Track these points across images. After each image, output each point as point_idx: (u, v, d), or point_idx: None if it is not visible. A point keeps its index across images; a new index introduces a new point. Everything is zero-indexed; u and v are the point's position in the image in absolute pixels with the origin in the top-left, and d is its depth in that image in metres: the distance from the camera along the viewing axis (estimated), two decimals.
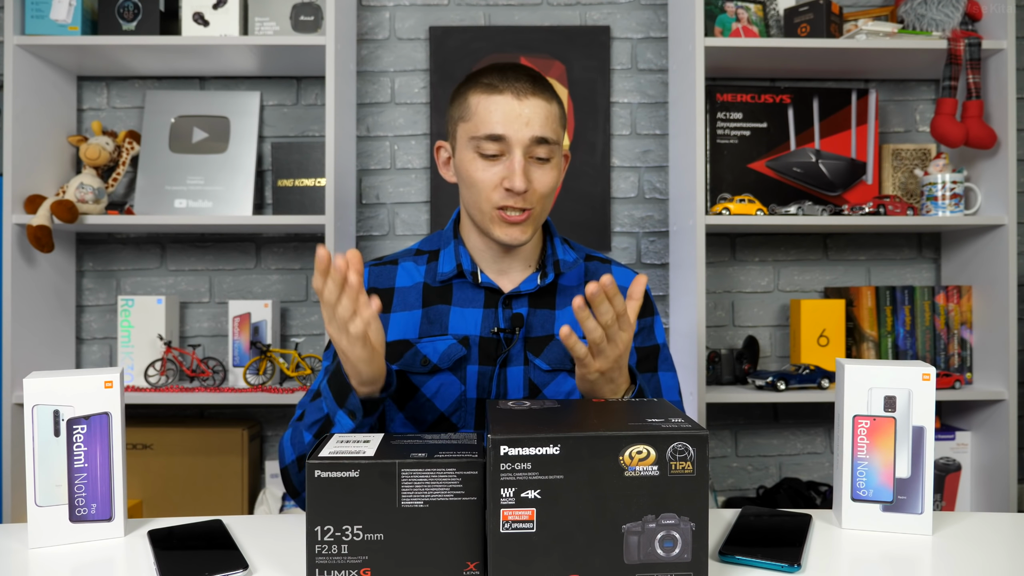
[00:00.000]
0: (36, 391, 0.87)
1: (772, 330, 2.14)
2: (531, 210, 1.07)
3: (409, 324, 1.12)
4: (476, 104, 1.06)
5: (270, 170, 2.04)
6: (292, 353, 1.93)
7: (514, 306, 1.13)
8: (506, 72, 1.07)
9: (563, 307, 1.15)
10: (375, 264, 1.18)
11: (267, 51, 1.87)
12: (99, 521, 0.89)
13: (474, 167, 1.07)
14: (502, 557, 0.70)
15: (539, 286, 1.12)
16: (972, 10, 1.90)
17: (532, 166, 1.06)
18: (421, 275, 1.15)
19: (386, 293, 1.15)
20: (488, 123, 1.05)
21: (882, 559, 0.84)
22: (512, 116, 1.04)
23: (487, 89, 1.06)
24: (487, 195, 1.06)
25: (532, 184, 1.06)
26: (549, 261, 1.15)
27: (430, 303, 1.13)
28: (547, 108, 1.06)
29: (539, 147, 1.06)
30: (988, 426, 1.91)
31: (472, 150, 1.07)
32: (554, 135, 1.07)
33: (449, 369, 1.10)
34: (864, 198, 2.03)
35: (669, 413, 0.78)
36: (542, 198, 1.08)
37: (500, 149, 1.05)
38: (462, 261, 1.13)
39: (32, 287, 1.89)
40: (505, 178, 1.05)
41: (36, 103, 1.89)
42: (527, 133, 1.04)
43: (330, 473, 0.73)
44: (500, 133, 1.04)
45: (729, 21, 1.92)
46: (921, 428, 0.92)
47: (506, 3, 2.11)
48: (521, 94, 1.05)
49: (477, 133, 1.06)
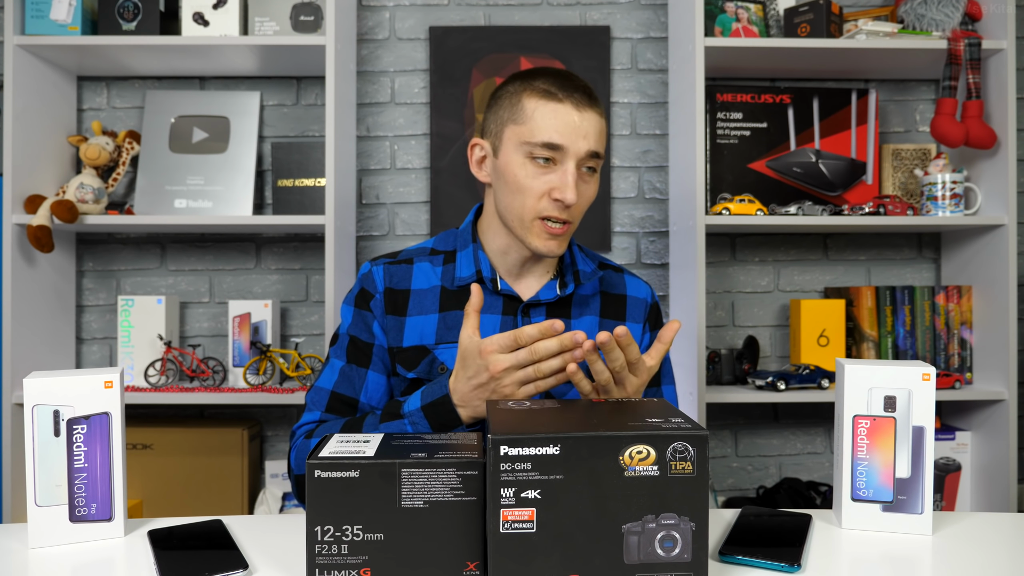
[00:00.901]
0: (36, 391, 0.87)
1: (772, 330, 2.14)
2: (571, 223, 1.07)
3: (426, 329, 1.11)
4: (533, 109, 1.05)
5: (270, 170, 2.04)
6: (292, 353, 1.93)
7: (532, 315, 1.12)
8: (564, 81, 1.06)
9: (579, 316, 1.15)
10: (390, 262, 1.16)
11: (267, 51, 1.87)
12: (99, 521, 0.89)
13: (524, 172, 1.05)
14: (502, 557, 0.70)
15: (559, 296, 1.12)
16: (972, 10, 1.90)
17: (581, 179, 1.06)
18: (438, 277, 1.14)
19: (402, 295, 1.13)
20: (546, 130, 1.03)
21: (882, 559, 0.84)
22: (571, 127, 1.03)
23: (545, 96, 1.05)
24: (533, 203, 1.05)
25: (578, 198, 1.05)
26: (568, 271, 1.14)
27: (448, 308, 1.12)
28: (600, 123, 1.07)
29: (591, 160, 1.06)
30: (988, 426, 1.91)
31: (523, 155, 1.05)
32: (602, 150, 1.08)
33: None
34: (864, 198, 2.03)
35: (669, 413, 0.78)
36: (583, 211, 1.09)
37: (554, 158, 1.04)
38: (481, 267, 1.12)
39: (32, 287, 1.89)
40: (555, 188, 1.04)
41: (36, 103, 1.89)
42: (584, 146, 1.04)
43: (330, 473, 0.73)
44: (558, 143, 1.03)
45: (729, 21, 1.92)
46: (921, 428, 0.92)
47: (506, 3, 2.11)
48: (581, 106, 1.04)
49: (533, 139, 1.04)
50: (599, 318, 1.15)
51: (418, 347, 1.10)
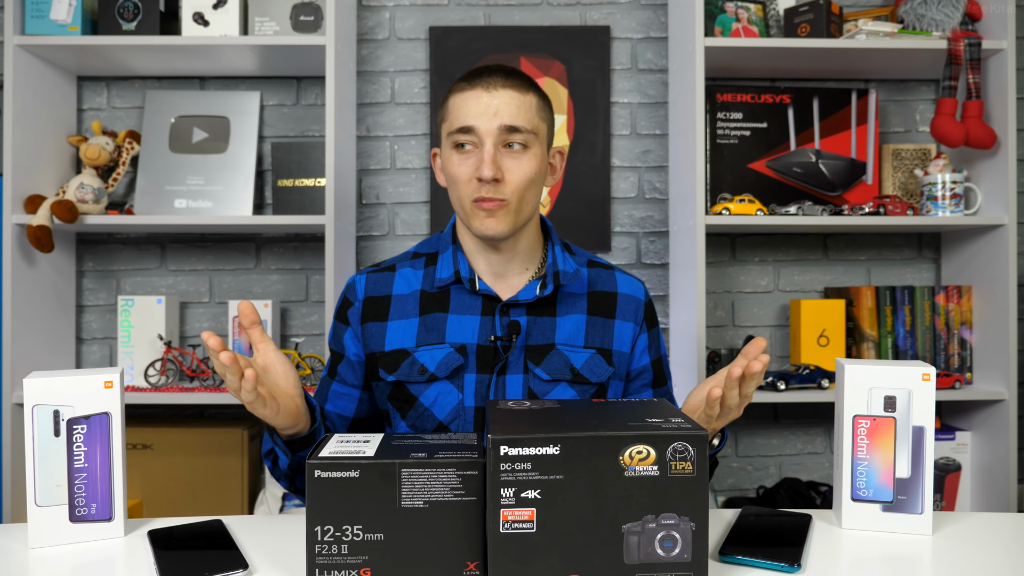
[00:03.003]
0: (36, 391, 0.87)
1: (772, 330, 2.14)
2: (506, 201, 1.05)
3: (407, 333, 1.12)
4: (452, 103, 1.09)
5: (270, 170, 2.04)
6: (292, 353, 1.93)
7: (512, 314, 1.11)
8: (481, 71, 1.09)
9: (565, 314, 1.13)
10: (373, 271, 1.18)
11: (267, 51, 1.87)
12: (99, 521, 0.89)
13: (451, 162, 1.08)
14: (502, 557, 0.70)
15: (537, 296, 1.11)
16: (972, 10, 1.90)
17: (505, 156, 1.06)
18: (419, 281, 1.15)
19: (383, 301, 1.14)
20: (460, 117, 1.06)
21: (882, 559, 0.84)
22: (481, 108, 1.05)
23: (461, 87, 1.08)
24: (464, 188, 1.07)
25: (504, 174, 1.05)
26: (550, 271, 1.13)
27: (427, 311, 1.12)
28: (519, 98, 1.06)
29: (511, 135, 1.05)
30: (988, 426, 1.91)
31: (450, 147, 1.08)
32: (528, 124, 1.06)
33: (447, 378, 1.09)
34: (864, 198, 2.03)
35: (669, 413, 0.78)
36: (518, 188, 1.06)
37: (472, 142, 1.06)
38: (460, 268, 1.12)
39: (32, 287, 1.89)
40: (477, 169, 1.05)
41: (36, 103, 1.89)
42: (495, 122, 1.04)
43: (330, 473, 0.73)
44: (469, 124, 1.05)
45: (729, 21, 1.92)
46: (921, 428, 0.92)
47: (506, 3, 2.11)
48: (491, 87, 1.06)
49: (452, 128, 1.07)
50: (586, 315, 1.15)
51: (399, 351, 1.11)
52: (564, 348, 1.11)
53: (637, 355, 1.18)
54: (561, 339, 1.12)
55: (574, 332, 1.13)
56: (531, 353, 1.10)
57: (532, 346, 1.11)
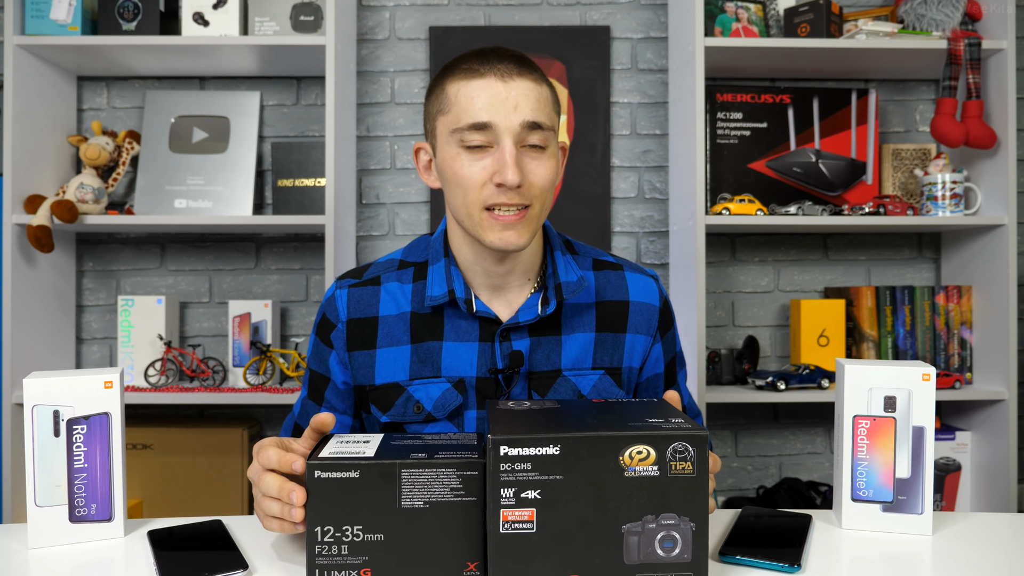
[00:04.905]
0: (36, 391, 0.86)
1: (772, 330, 2.14)
2: (528, 207, 0.93)
3: (398, 363, 1.00)
4: (456, 92, 0.93)
5: (270, 170, 2.04)
6: (292, 353, 1.93)
7: (513, 338, 1.00)
8: (487, 55, 0.93)
9: (571, 333, 1.02)
10: (355, 284, 1.03)
11: (267, 51, 1.87)
12: (99, 521, 0.89)
13: (459, 163, 0.93)
14: (502, 557, 0.70)
15: (539, 316, 0.99)
16: (972, 10, 1.90)
17: (526, 156, 0.93)
18: (407, 299, 1.02)
19: (369, 324, 1.01)
20: (471, 111, 0.91)
21: (882, 559, 0.84)
22: (498, 100, 0.90)
23: (467, 74, 0.92)
24: (475, 194, 0.92)
25: (527, 177, 0.92)
26: (551, 282, 1.01)
27: (420, 338, 1.00)
28: (537, 90, 0.93)
29: (532, 134, 0.92)
30: (988, 426, 1.91)
31: (456, 145, 0.93)
32: (548, 120, 0.94)
33: (446, 418, 1.00)
34: (864, 198, 2.03)
35: (669, 413, 0.78)
36: (541, 193, 0.94)
37: (487, 140, 0.91)
38: (454, 286, 0.99)
39: (32, 287, 1.89)
40: (495, 172, 0.91)
41: (36, 103, 1.89)
42: (516, 118, 0.91)
43: (330, 473, 0.73)
44: (485, 120, 0.90)
45: (729, 21, 1.92)
46: (921, 428, 0.92)
47: (506, 3, 2.11)
48: (506, 76, 0.91)
49: (459, 124, 0.92)
50: (595, 333, 1.03)
51: (391, 385, 1.00)
52: (571, 374, 1.01)
53: (650, 364, 1.08)
54: (567, 363, 1.01)
55: (582, 355, 1.02)
56: (535, 382, 1.00)
57: (536, 373, 1.00)
